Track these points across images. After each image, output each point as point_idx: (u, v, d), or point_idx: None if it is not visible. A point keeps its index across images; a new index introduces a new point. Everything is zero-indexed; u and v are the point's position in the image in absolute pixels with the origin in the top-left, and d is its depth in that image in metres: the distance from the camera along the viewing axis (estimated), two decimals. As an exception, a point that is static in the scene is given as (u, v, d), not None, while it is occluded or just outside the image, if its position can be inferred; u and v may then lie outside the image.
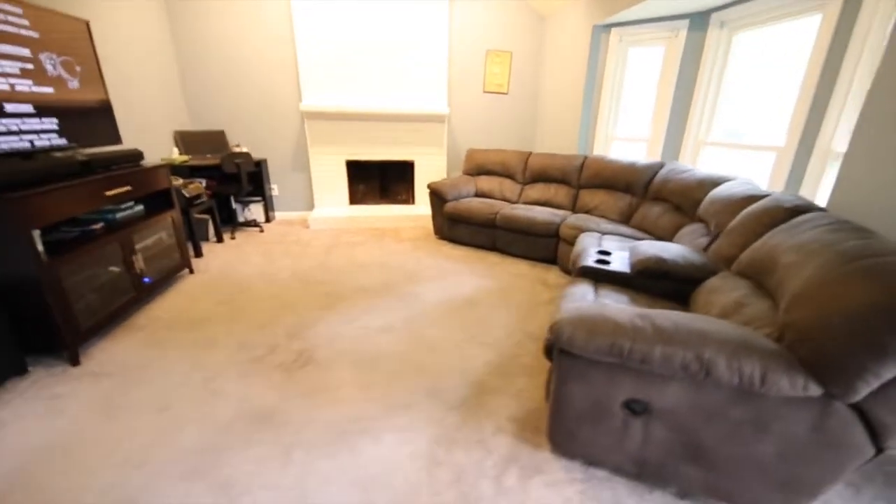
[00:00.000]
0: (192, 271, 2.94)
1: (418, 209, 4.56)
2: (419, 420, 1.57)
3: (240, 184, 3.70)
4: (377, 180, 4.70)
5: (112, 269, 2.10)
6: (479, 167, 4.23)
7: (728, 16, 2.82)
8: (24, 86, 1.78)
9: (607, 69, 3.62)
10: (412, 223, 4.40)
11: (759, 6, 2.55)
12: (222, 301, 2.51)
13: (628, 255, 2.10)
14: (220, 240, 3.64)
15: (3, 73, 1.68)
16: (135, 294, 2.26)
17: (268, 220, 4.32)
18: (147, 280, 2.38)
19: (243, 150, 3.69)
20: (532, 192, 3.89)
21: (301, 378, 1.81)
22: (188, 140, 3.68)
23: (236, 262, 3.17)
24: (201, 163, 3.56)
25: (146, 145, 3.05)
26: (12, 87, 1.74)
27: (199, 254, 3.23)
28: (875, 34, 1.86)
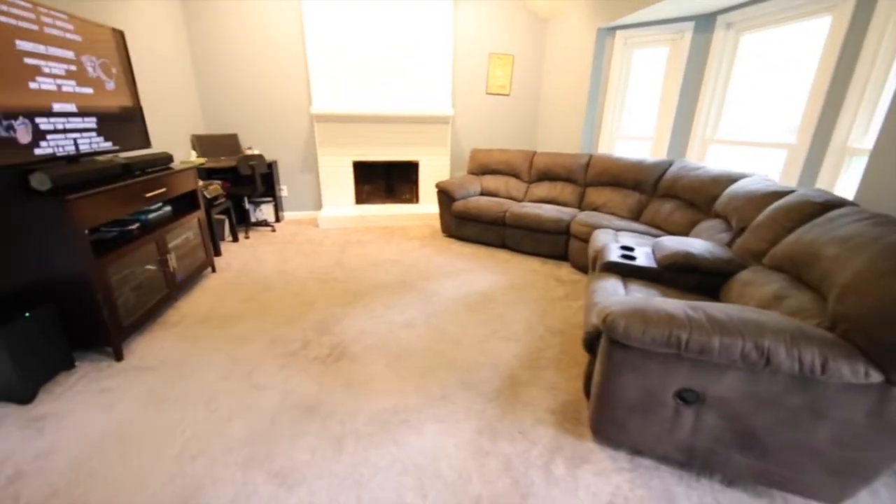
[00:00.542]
0: (214, 270, 2.94)
1: (423, 208, 4.56)
2: (458, 412, 1.58)
3: (254, 185, 3.69)
4: (382, 180, 4.70)
5: (148, 267, 2.11)
6: (483, 167, 4.25)
7: (734, 18, 2.88)
8: (68, 86, 1.83)
9: (612, 70, 3.67)
10: (418, 222, 4.41)
11: (767, 8, 2.61)
12: (247, 298, 2.50)
13: (650, 250, 2.15)
14: (236, 239, 3.63)
15: (52, 74, 1.73)
16: (167, 292, 2.27)
17: (277, 219, 4.31)
18: (179, 278, 2.39)
19: (255, 153, 3.69)
20: (538, 190, 3.93)
21: (337, 371, 1.81)
22: (204, 143, 3.66)
23: (254, 261, 3.16)
24: (216, 165, 3.54)
25: (166, 148, 3.02)
26: (59, 87, 1.77)
27: (218, 253, 3.24)
28: (891, 35, 1.93)
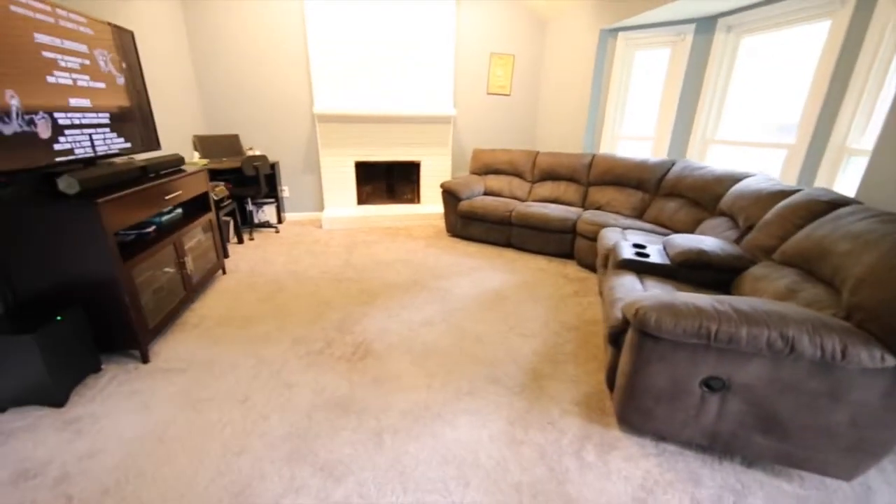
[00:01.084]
0: (224, 272, 2.93)
1: (425, 208, 4.60)
2: (487, 405, 1.64)
3: (258, 186, 3.68)
4: (384, 180, 4.72)
5: (166, 270, 2.11)
6: (486, 167, 4.31)
7: (735, 21, 2.98)
8: (83, 81, 1.83)
9: (614, 71, 3.76)
10: (421, 222, 4.45)
11: (766, 12, 2.72)
12: (263, 299, 2.52)
13: (661, 247, 2.23)
14: (241, 241, 3.62)
15: (67, 69, 1.73)
16: (185, 294, 2.27)
17: (280, 220, 4.29)
18: (194, 280, 2.39)
19: (258, 154, 3.67)
20: (541, 189, 4.01)
21: (364, 369, 1.85)
22: (205, 143, 3.63)
23: (263, 263, 3.16)
24: (221, 166, 3.52)
25: (168, 149, 3.00)
26: (74, 81, 1.77)
27: (226, 255, 3.21)
28: (888, 39, 2.04)
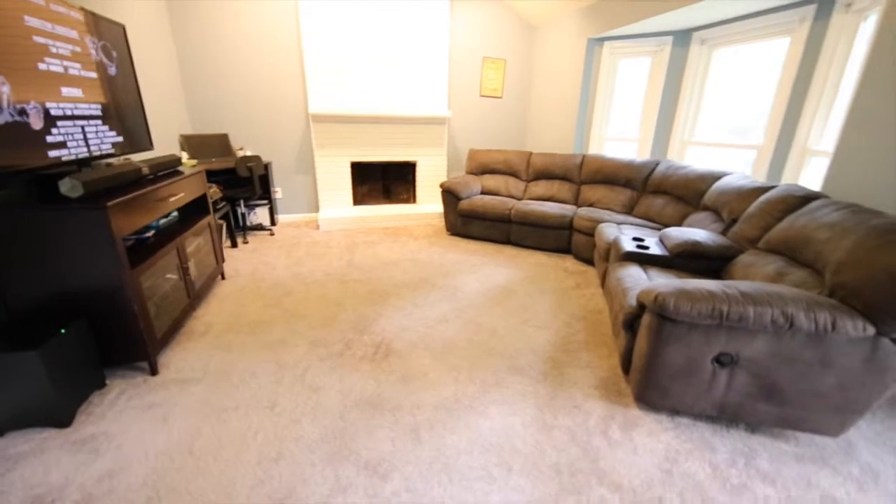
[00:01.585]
0: (223, 277, 2.86)
1: (421, 208, 4.68)
2: (515, 394, 1.74)
3: (251, 187, 3.61)
4: (380, 181, 4.76)
5: (169, 276, 2.04)
6: (483, 166, 4.44)
7: (708, 35, 3.26)
8: (74, 69, 1.76)
9: (601, 77, 3.99)
10: (418, 221, 4.52)
11: (735, 28, 3.00)
12: (270, 304, 2.50)
13: (657, 240, 2.42)
14: (235, 244, 3.53)
15: (59, 55, 1.66)
16: (188, 301, 2.20)
17: (273, 223, 4.22)
18: (196, 286, 2.32)
19: (249, 154, 3.61)
20: (536, 188, 4.18)
21: (388, 368, 1.90)
22: (193, 144, 3.52)
23: (264, 267, 3.12)
24: (211, 167, 3.41)
25: (156, 150, 2.91)
26: (66, 69, 1.70)
27: (222, 259, 3.12)
28: (840, 54, 2.32)
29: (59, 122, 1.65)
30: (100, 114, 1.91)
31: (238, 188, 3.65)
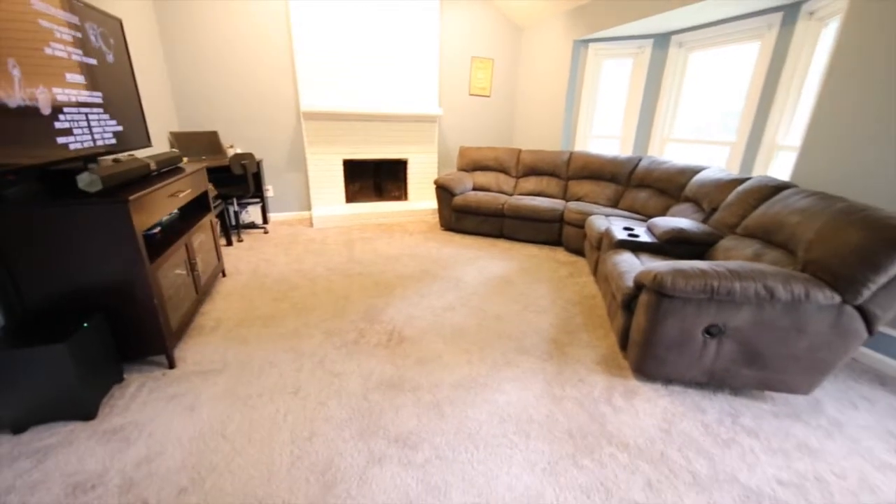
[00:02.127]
0: (224, 274, 2.87)
1: (413, 204, 4.76)
2: (525, 372, 1.88)
3: (245, 185, 3.60)
4: (371, 178, 4.81)
5: (178, 272, 2.05)
6: (473, 163, 4.57)
7: (684, 38, 3.49)
8: (76, 55, 1.76)
9: (586, 77, 4.18)
10: (411, 217, 4.60)
11: (710, 33, 3.24)
12: (278, 298, 2.54)
13: (645, 229, 2.61)
14: (230, 242, 3.52)
15: (62, 40, 1.66)
16: (196, 297, 2.23)
17: (265, 221, 4.21)
18: (202, 282, 2.34)
19: (240, 151, 3.59)
20: (526, 184, 4.34)
21: (403, 352, 2.00)
22: (182, 141, 3.48)
23: (263, 263, 3.14)
24: (209, 164, 3.38)
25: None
26: (69, 55, 1.71)
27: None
28: (805, 59, 2.57)
29: (66, 109, 1.65)
30: (101, 101, 1.92)
31: (231, 186, 3.62)
